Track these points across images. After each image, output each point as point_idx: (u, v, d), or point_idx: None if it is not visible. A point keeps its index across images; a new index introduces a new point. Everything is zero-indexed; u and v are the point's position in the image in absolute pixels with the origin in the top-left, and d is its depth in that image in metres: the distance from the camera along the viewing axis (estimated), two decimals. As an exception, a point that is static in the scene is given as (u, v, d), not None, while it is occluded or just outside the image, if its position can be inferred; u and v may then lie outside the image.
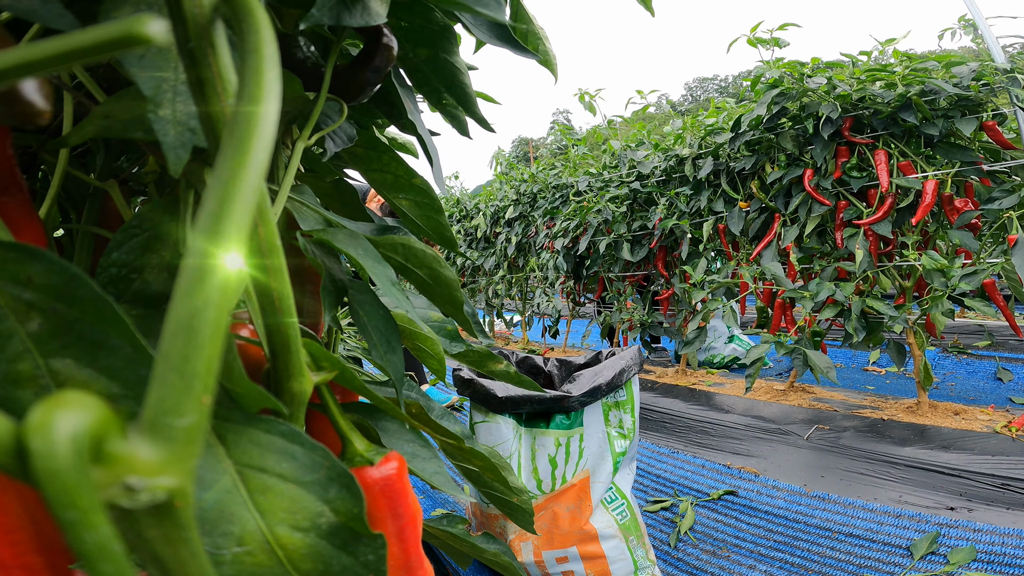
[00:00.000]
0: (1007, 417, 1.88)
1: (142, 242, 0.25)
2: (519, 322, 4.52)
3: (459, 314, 0.39)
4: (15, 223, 0.24)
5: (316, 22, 0.27)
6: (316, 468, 0.28)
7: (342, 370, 0.32)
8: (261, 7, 0.18)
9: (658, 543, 1.58)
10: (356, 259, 0.30)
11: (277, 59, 0.18)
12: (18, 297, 0.19)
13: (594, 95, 3.21)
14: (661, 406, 2.50)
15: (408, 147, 0.63)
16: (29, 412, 0.13)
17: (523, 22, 0.46)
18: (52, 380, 0.20)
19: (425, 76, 0.39)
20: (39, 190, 0.35)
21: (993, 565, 1.28)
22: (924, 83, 1.87)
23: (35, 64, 0.12)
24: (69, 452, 0.13)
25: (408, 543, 0.39)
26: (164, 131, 0.21)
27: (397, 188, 0.43)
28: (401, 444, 0.40)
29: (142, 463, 0.14)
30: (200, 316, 0.15)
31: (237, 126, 0.16)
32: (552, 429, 1.34)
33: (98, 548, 0.13)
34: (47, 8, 0.19)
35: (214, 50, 0.19)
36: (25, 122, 0.20)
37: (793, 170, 2.17)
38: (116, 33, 0.11)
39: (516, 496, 0.51)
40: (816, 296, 1.95)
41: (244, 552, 0.28)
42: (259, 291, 0.25)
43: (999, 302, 1.81)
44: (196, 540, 0.17)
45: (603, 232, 3.05)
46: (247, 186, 0.16)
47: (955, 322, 3.46)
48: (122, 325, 0.19)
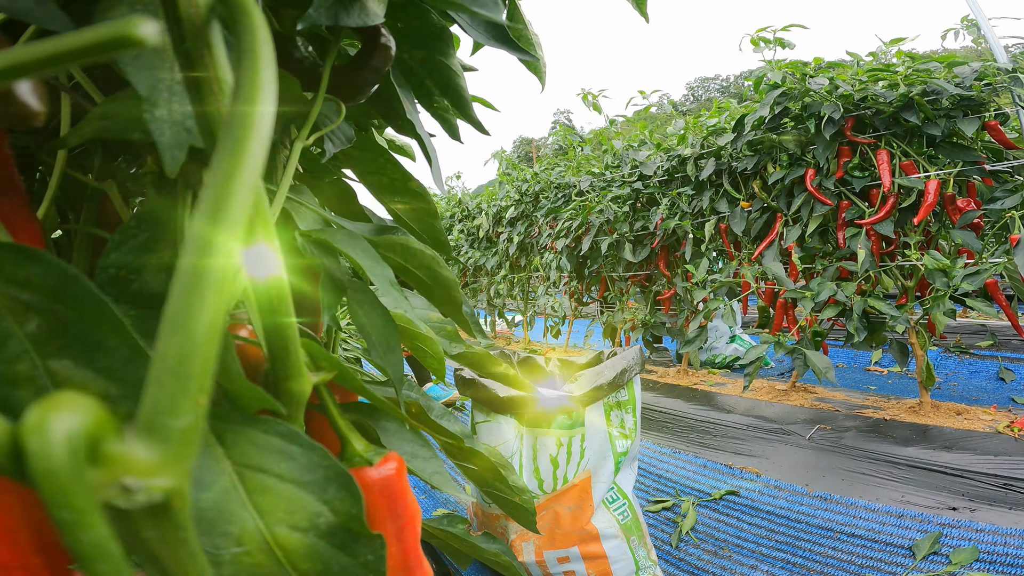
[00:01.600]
0: (1009, 417, 1.87)
1: (140, 243, 0.25)
2: (521, 322, 4.52)
3: (458, 314, 0.39)
4: (13, 224, 0.24)
5: (314, 22, 0.27)
6: (315, 468, 0.28)
7: (341, 370, 0.32)
8: (257, 7, 0.18)
9: (660, 543, 1.58)
10: (355, 259, 0.30)
11: (273, 59, 0.18)
12: (16, 298, 0.19)
13: (597, 95, 3.21)
14: (663, 406, 2.50)
15: (406, 150, 0.63)
16: (25, 413, 0.13)
17: (519, 23, 0.46)
18: (50, 381, 0.20)
19: (420, 78, 0.39)
20: (37, 191, 0.35)
21: (995, 565, 1.27)
22: (926, 83, 1.87)
23: (29, 65, 0.12)
24: (65, 452, 0.13)
25: (407, 543, 0.39)
26: (160, 131, 0.21)
27: (393, 192, 0.43)
28: (400, 444, 0.40)
29: (138, 464, 0.14)
30: (196, 316, 0.15)
31: (233, 126, 0.16)
32: (554, 429, 1.34)
33: (94, 548, 0.13)
34: (42, 9, 0.19)
35: (210, 50, 0.19)
36: (20, 123, 0.20)
37: (795, 170, 2.17)
38: (108, 35, 0.11)
39: (518, 496, 0.51)
40: (818, 296, 1.95)
41: (243, 552, 0.28)
42: (257, 291, 0.25)
43: (1001, 302, 1.81)
44: (194, 540, 0.17)
45: (605, 232, 3.05)
46: (243, 186, 0.16)
47: (957, 322, 3.45)
48: (119, 326, 0.19)
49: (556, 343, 4.39)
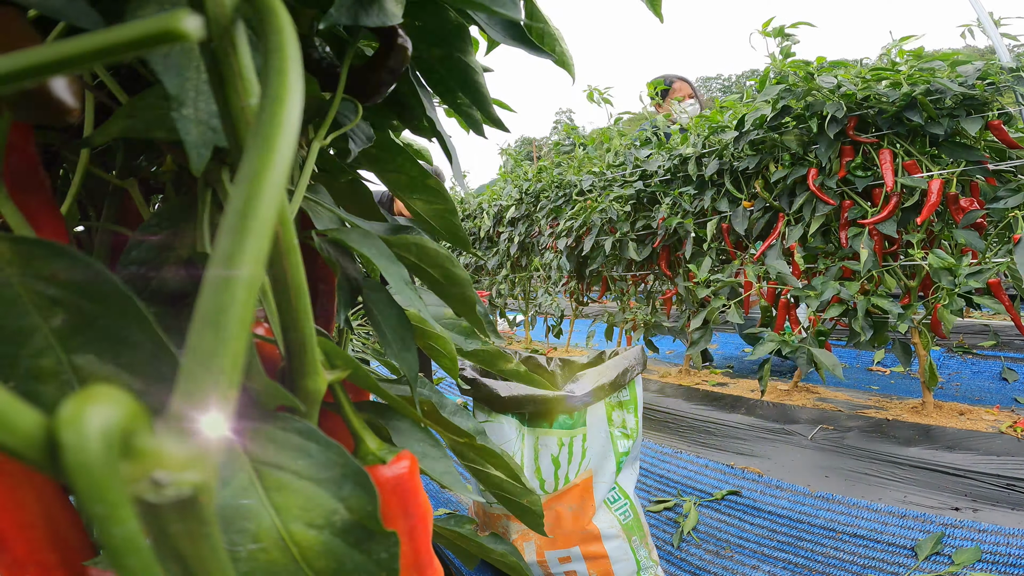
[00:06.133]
0: (1012, 417, 1.87)
1: (161, 240, 0.26)
2: (522, 321, 4.51)
3: (471, 314, 0.39)
4: (38, 220, 0.24)
5: (334, 22, 0.27)
6: (331, 466, 0.28)
7: (356, 368, 0.32)
8: (283, 7, 0.18)
9: (661, 543, 1.58)
10: (370, 258, 0.30)
11: (300, 58, 0.18)
12: (42, 293, 0.19)
13: (604, 92, 3.21)
14: (664, 406, 2.50)
15: (423, 154, 0.63)
16: (60, 406, 0.13)
17: (539, 21, 0.46)
18: (75, 375, 0.20)
19: (440, 76, 0.39)
20: (60, 188, 0.35)
21: (998, 566, 1.27)
22: (930, 82, 1.86)
23: (69, 61, 0.12)
24: (100, 446, 0.13)
25: (419, 542, 0.39)
26: (187, 130, 0.21)
27: (412, 189, 0.43)
28: (412, 443, 0.40)
29: (169, 458, 0.14)
30: (227, 312, 0.15)
31: (262, 125, 0.16)
32: (555, 429, 1.34)
33: (125, 542, 0.14)
34: (74, 7, 0.19)
35: (235, 50, 0.19)
36: (54, 120, 0.20)
37: (797, 169, 2.17)
38: (153, 29, 0.11)
39: (526, 497, 0.51)
40: (821, 295, 1.95)
41: (259, 549, 0.28)
42: (276, 289, 0.25)
43: (1004, 301, 1.81)
44: (217, 536, 0.17)
45: (607, 231, 3.05)
46: (273, 184, 0.16)
47: (960, 321, 3.44)
48: (144, 321, 0.19)
49: (558, 343, 4.39)
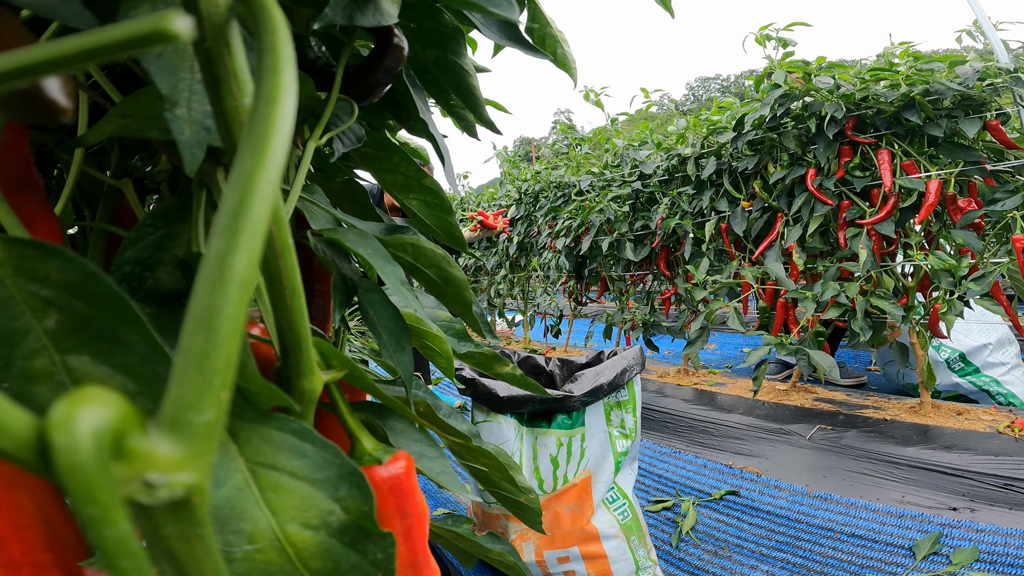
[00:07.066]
0: (1010, 417, 1.87)
1: (155, 240, 0.26)
2: (521, 322, 4.52)
3: (468, 314, 0.39)
4: (32, 221, 0.24)
5: (330, 22, 0.27)
6: (327, 466, 0.28)
7: (352, 369, 0.32)
8: (277, 6, 0.18)
9: (660, 543, 1.58)
10: (366, 258, 0.30)
11: (294, 58, 0.18)
12: (35, 294, 0.19)
13: (600, 93, 3.21)
14: (663, 406, 2.50)
15: (420, 153, 0.63)
16: (52, 407, 0.13)
17: (540, 23, 0.46)
18: (68, 377, 0.20)
19: (434, 77, 0.39)
20: (54, 188, 0.35)
21: (995, 566, 1.28)
22: (928, 83, 1.87)
23: (62, 60, 0.12)
24: (91, 448, 0.13)
25: (415, 542, 0.39)
26: (180, 130, 0.21)
27: (407, 188, 0.43)
28: (408, 443, 0.40)
29: (162, 459, 0.14)
30: (219, 313, 0.15)
31: (256, 125, 0.16)
32: (554, 429, 1.34)
33: (118, 544, 0.13)
34: (67, 6, 0.19)
35: (229, 49, 0.19)
36: (48, 120, 0.20)
37: (796, 170, 2.17)
38: (143, 29, 0.11)
39: (524, 496, 0.51)
40: (821, 296, 1.95)
41: (255, 550, 0.28)
42: (271, 290, 0.25)
43: (1003, 302, 1.81)
44: (211, 537, 0.17)
45: (605, 231, 3.05)
46: (266, 184, 0.16)
47: (958, 322, 3.44)
48: (138, 322, 0.19)
49: (556, 343, 4.39)
